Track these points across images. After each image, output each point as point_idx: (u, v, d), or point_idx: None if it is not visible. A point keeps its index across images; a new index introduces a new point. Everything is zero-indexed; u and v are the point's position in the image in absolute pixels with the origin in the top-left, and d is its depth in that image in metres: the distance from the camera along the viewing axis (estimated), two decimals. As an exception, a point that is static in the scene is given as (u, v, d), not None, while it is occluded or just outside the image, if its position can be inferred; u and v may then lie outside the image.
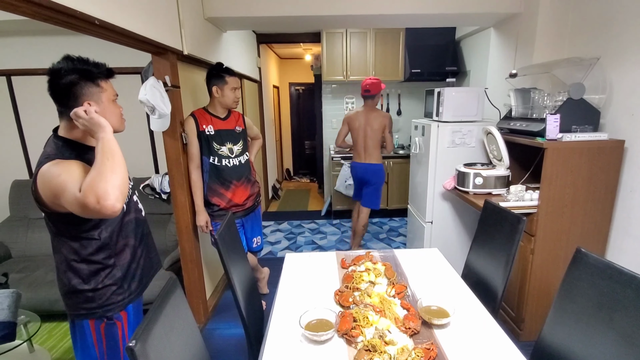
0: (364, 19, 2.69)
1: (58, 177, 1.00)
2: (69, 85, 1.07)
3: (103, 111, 1.12)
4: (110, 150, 1.03)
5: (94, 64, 1.13)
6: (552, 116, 1.86)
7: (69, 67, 1.07)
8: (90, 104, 1.09)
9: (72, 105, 1.08)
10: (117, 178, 0.99)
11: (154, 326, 0.75)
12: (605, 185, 1.88)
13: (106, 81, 1.16)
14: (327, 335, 1.12)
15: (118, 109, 1.20)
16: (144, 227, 1.36)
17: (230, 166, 2.16)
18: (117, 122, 1.19)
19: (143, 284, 1.33)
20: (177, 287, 0.89)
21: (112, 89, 1.18)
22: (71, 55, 1.11)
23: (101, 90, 1.13)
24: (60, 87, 1.07)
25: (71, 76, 1.06)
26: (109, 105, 1.16)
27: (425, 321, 1.21)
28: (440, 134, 2.53)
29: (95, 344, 1.22)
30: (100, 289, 1.18)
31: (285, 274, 1.63)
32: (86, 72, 1.09)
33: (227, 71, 2.08)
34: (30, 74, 2.88)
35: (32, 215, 2.87)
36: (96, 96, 1.11)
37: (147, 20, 1.68)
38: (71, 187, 0.98)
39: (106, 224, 1.18)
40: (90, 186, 0.95)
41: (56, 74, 1.06)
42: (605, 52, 1.95)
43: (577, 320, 1.02)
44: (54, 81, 1.07)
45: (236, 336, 2.27)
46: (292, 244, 3.78)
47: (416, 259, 1.75)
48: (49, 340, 2.28)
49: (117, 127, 1.19)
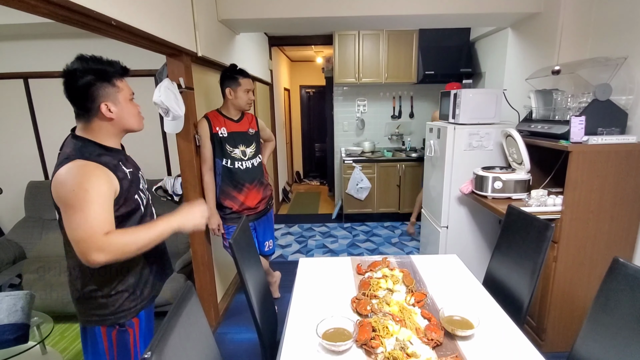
0: (377, 20, 2.65)
1: (72, 192, 0.97)
2: (86, 86, 1.04)
3: (120, 111, 1.11)
4: (160, 236, 1.07)
5: (109, 63, 1.10)
6: (577, 118, 1.79)
7: (84, 68, 1.05)
8: (109, 108, 1.09)
9: (89, 107, 1.07)
10: (134, 253, 1.03)
11: (169, 336, 0.71)
12: (634, 190, 1.79)
13: (122, 80, 1.13)
14: (345, 345, 1.08)
15: (135, 107, 1.18)
16: None
17: (243, 169, 2.13)
18: (135, 122, 1.18)
19: (155, 290, 1.31)
20: (192, 294, 0.86)
21: (128, 88, 1.16)
22: (84, 54, 1.09)
23: (118, 90, 1.11)
24: (77, 89, 1.05)
25: (87, 77, 1.04)
26: (126, 104, 1.14)
27: (448, 332, 1.15)
28: (456, 136, 2.46)
29: (107, 351, 1.19)
30: (113, 295, 1.15)
31: (299, 279, 1.59)
32: (101, 72, 1.07)
33: (240, 73, 2.07)
34: (46, 76, 2.91)
35: (46, 216, 2.90)
36: (113, 97, 1.10)
37: (162, 22, 1.67)
38: (84, 215, 0.96)
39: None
40: (112, 242, 0.98)
41: (71, 76, 1.04)
42: (632, 51, 1.87)
43: (614, 334, 0.96)
44: (69, 83, 1.05)
45: (247, 341, 2.23)
46: (303, 248, 3.74)
47: (434, 265, 1.69)
48: (61, 341, 2.28)
49: (136, 126, 1.18)
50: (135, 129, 1.19)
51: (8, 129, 3.01)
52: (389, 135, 4.76)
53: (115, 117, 1.11)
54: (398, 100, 4.65)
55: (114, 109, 1.10)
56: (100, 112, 1.08)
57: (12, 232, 2.85)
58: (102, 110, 1.08)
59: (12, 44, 2.88)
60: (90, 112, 1.08)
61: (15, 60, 2.90)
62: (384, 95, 4.65)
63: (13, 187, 3.04)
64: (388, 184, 4.28)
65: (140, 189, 1.21)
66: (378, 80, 4.25)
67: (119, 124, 1.14)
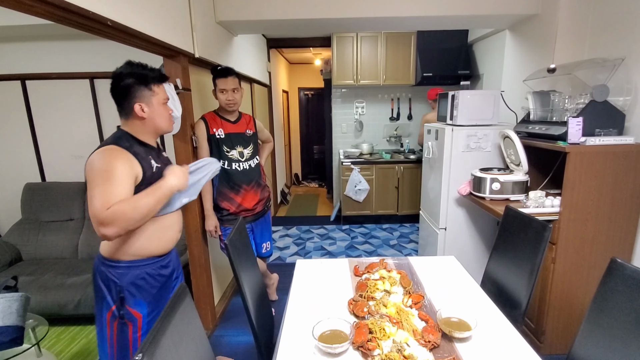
0: (375, 21, 2.65)
1: (93, 172, 1.10)
2: (126, 87, 1.21)
3: (152, 112, 1.25)
4: (159, 199, 1.16)
5: (150, 69, 1.27)
6: (575, 119, 1.79)
7: (128, 72, 1.22)
8: (143, 109, 1.22)
9: (125, 106, 1.23)
10: (140, 221, 1.12)
11: (162, 337, 0.70)
12: (632, 191, 1.79)
13: (159, 85, 1.28)
14: (342, 347, 1.07)
15: (167, 111, 1.32)
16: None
17: (240, 170, 2.13)
18: (165, 123, 1.32)
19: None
20: (186, 295, 0.85)
21: (163, 93, 1.30)
22: (132, 61, 1.27)
23: (153, 93, 1.25)
24: (119, 89, 1.22)
25: (128, 80, 1.21)
26: (159, 107, 1.27)
27: (445, 334, 1.14)
28: (454, 138, 2.46)
29: (108, 339, 1.28)
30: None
31: (296, 281, 1.58)
32: (141, 76, 1.22)
33: (217, 73, 2.04)
34: (44, 78, 2.90)
35: (43, 218, 2.88)
36: (147, 99, 1.24)
37: (160, 23, 1.66)
38: (99, 191, 1.07)
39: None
40: (114, 214, 1.05)
41: (117, 77, 1.22)
42: (630, 52, 1.87)
43: (612, 336, 0.95)
44: (114, 83, 1.22)
45: (244, 343, 2.22)
46: (301, 250, 3.73)
47: (432, 267, 1.68)
48: (57, 344, 2.26)
49: (165, 127, 1.33)
50: (164, 130, 1.33)
51: (5, 130, 3.00)
52: (387, 137, 4.76)
53: (147, 117, 1.25)
54: (396, 102, 4.65)
55: (146, 110, 1.24)
56: (134, 111, 1.22)
57: (8, 234, 2.83)
58: (136, 109, 1.22)
59: (9, 46, 2.87)
60: (126, 110, 1.23)
61: (13, 61, 2.89)
62: (382, 97, 4.66)
63: (10, 188, 3.03)
64: (386, 185, 4.27)
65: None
66: (376, 82, 4.26)
67: (150, 124, 1.27)
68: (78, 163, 3.01)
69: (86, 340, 2.28)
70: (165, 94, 1.31)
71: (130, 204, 1.09)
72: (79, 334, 2.34)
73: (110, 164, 1.11)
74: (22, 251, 2.80)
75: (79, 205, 2.88)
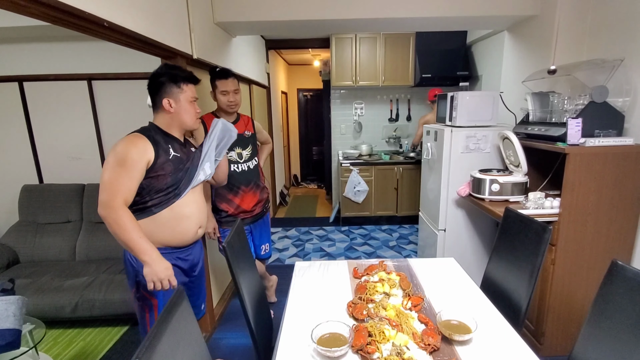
0: (374, 22, 2.65)
1: (112, 155, 1.26)
2: (159, 84, 1.38)
3: (179, 108, 1.40)
4: (132, 248, 1.27)
5: (182, 71, 1.43)
6: (574, 120, 1.79)
7: (163, 71, 1.39)
8: (170, 104, 1.39)
9: (157, 100, 1.39)
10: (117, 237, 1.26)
11: (158, 342, 0.69)
12: (632, 192, 1.78)
13: (188, 85, 1.42)
14: (340, 351, 1.06)
15: (194, 109, 1.45)
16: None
17: (239, 171, 2.12)
18: (191, 120, 1.45)
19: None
20: (183, 299, 0.84)
21: (191, 92, 1.43)
22: (169, 63, 1.51)
23: (181, 91, 1.40)
24: (153, 85, 1.39)
25: (161, 78, 1.38)
26: (185, 104, 1.41)
27: (445, 337, 1.13)
28: (453, 139, 2.46)
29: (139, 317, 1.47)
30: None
31: (295, 282, 1.57)
32: (173, 75, 1.38)
33: (217, 74, 2.03)
34: (42, 79, 2.89)
35: (40, 220, 2.86)
36: (175, 95, 1.39)
37: (157, 24, 1.66)
38: (109, 176, 1.24)
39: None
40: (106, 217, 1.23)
41: (153, 76, 1.39)
42: (629, 53, 1.87)
43: (614, 338, 0.94)
44: (151, 80, 1.39)
45: (243, 346, 2.20)
46: (300, 251, 3.72)
47: (432, 268, 1.67)
48: (54, 347, 2.24)
49: (189, 123, 1.45)
50: (189, 126, 1.46)
51: (2, 132, 2.99)
52: (387, 138, 4.76)
53: (174, 112, 1.40)
54: (395, 103, 4.65)
55: (174, 105, 1.39)
56: (163, 105, 1.38)
57: (5, 236, 2.81)
58: (164, 104, 1.38)
59: (6, 47, 2.86)
60: (157, 104, 1.40)
61: (10, 63, 2.88)
62: (381, 98, 4.66)
63: (7, 190, 3.01)
64: (386, 187, 4.26)
65: (181, 172, 1.42)
66: (375, 83, 4.25)
67: (176, 118, 1.42)
68: (76, 165, 3.00)
69: (84, 343, 2.26)
70: (193, 93, 1.44)
71: (126, 227, 1.23)
72: (77, 337, 2.33)
73: (126, 150, 1.26)
74: (20, 253, 2.79)
75: (77, 207, 2.86)
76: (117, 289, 2.32)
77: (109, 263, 2.65)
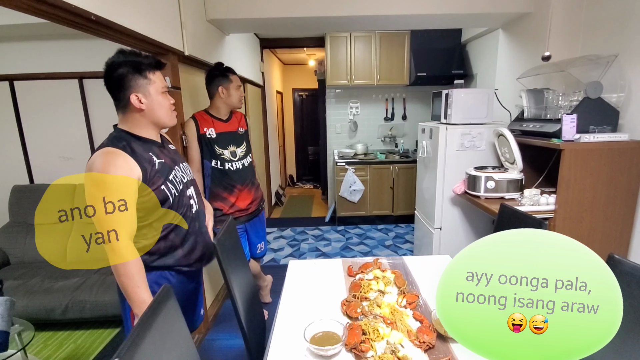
0: (368, 20, 2.63)
1: (94, 182, 1.05)
2: (120, 77, 1.12)
3: (151, 102, 1.16)
4: (128, 295, 1.10)
5: (144, 57, 1.16)
6: (569, 116, 1.78)
7: (120, 60, 1.12)
8: (140, 100, 1.14)
9: (121, 97, 1.14)
10: (117, 278, 1.10)
11: (141, 342, 0.66)
12: (627, 188, 1.78)
13: (154, 72, 1.17)
14: (334, 349, 1.03)
15: (167, 101, 1.21)
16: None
17: (233, 169, 2.09)
18: (165, 115, 1.21)
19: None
20: (170, 297, 0.81)
21: (161, 81, 1.19)
22: (125, 49, 1.17)
23: (149, 82, 1.15)
24: (112, 80, 1.13)
25: (122, 69, 1.11)
26: (157, 97, 1.18)
27: (440, 334, 1.11)
28: (449, 136, 2.45)
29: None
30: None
31: (288, 281, 1.54)
32: (135, 64, 1.13)
33: (230, 70, 2.03)
34: (32, 78, 2.85)
35: (31, 221, 2.81)
36: (144, 88, 1.15)
37: (147, 19, 1.63)
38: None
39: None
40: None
41: (109, 68, 1.12)
42: (623, 49, 1.87)
43: (611, 334, 0.92)
44: (107, 74, 1.13)
45: (237, 347, 2.17)
46: (296, 251, 3.69)
47: (427, 266, 1.65)
48: (44, 350, 2.20)
49: (166, 119, 1.22)
50: (165, 123, 1.23)
51: (-8, 131, 2.94)
52: (382, 137, 4.74)
53: (145, 108, 1.16)
54: (390, 102, 4.64)
55: (144, 100, 1.15)
56: (131, 102, 1.14)
57: (-5, 238, 2.76)
58: (132, 100, 1.13)
59: (-4, 46, 2.81)
60: (122, 102, 1.15)
61: (0, 62, 2.83)
62: (377, 98, 4.65)
63: (-3, 191, 2.96)
64: (381, 186, 4.25)
65: (170, 179, 1.22)
66: (370, 82, 4.24)
67: (149, 116, 1.18)
68: (67, 165, 2.95)
69: (74, 346, 2.22)
70: (162, 82, 1.20)
71: (129, 272, 1.07)
72: (67, 339, 2.28)
73: (107, 173, 1.05)
74: (10, 255, 2.74)
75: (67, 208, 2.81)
76: (109, 290, 2.28)
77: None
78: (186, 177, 1.35)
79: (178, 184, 1.27)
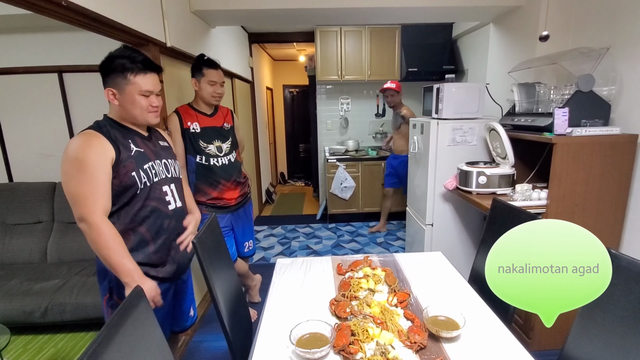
0: (358, 12, 2.58)
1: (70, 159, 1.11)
2: (104, 70, 1.20)
3: (123, 100, 1.21)
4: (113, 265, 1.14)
5: (132, 58, 1.20)
6: (560, 110, 1.75)
7: (113, 55, 1.20)
8: (114, 95, 1.20)
9: (104, 88, 1.21)
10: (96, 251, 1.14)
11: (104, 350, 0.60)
12: (619, 182, 1.76)
13: (137, 75, 1.20)
14: (321, 352, 0.98)
15: (146, 102, 1.23)
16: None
17: (219, 165, 2.02)
18: (140, 115, 1.24)
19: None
20: (140, 300, 0.75)
21: (145, 84, 1.22)
22: (128, 45, 1.26)
23: (127, 82, 1.20)
24: (101, 70, 1.21)
25: (110, 64, 1.19)
26: (132, 96, 1.21)
27: (432, 334, 1.07)
28: (440, 131, 2.41)
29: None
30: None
31: (275, 281, 1.49)
32: (121, 62, 1.19)
33: (206, 63, 1.94)
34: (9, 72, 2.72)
35: (9, 220, 2.70)
36: (120, 86, 1.20)
37: (124, 7, 1.55)
38: (75, 187, 1.10)
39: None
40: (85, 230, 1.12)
41: (104, 59, 1.21)
42: (614, 42, 1.85)
43: (608, 332, 0.89)
44: (100, 64, 1.21)
45: (224, 349, 2.11)
46: (286, 249, 3.63)
47: (418, 263, 1.61)
48: (24, 354, 2.11)
49: (139, 118, 1.25)
50: (139, 121, 1.26)
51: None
52: (373, 133, 4.70)
53: (119, 104, 1.22)
54: (382, 98, 4.59)
55: (118, 97, 1.21)
56: (106, 95, 1.21)
57: (-29, 239, 2.65)
58: (107, 94, 1.21)
59: (-30, 38, 2.69)
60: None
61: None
62: (368, 93, 4.60)
63: (-27, 190, 2.83)
64: (373, 183, 4.21)
65: (144, 169, 1.24)
66: (361, 77, 4.19)
67: (124, 111, 1.24)
68: (47, 162, 2.84)
69: (55, 350, 2.13)
70: (146, 85, 1.23)
71: (101, 242, 1.10)
72: (47, 343, 2.20)
73: (81, 153, 1.11)
74: (-13, 256, 2.62)
75: (48, 207, 2.71)
76: (90, 292, 2.19)
77: (82, 265, 2.51)
78: (168, 174, 1.33)
79: (153, 175, 1.26)
